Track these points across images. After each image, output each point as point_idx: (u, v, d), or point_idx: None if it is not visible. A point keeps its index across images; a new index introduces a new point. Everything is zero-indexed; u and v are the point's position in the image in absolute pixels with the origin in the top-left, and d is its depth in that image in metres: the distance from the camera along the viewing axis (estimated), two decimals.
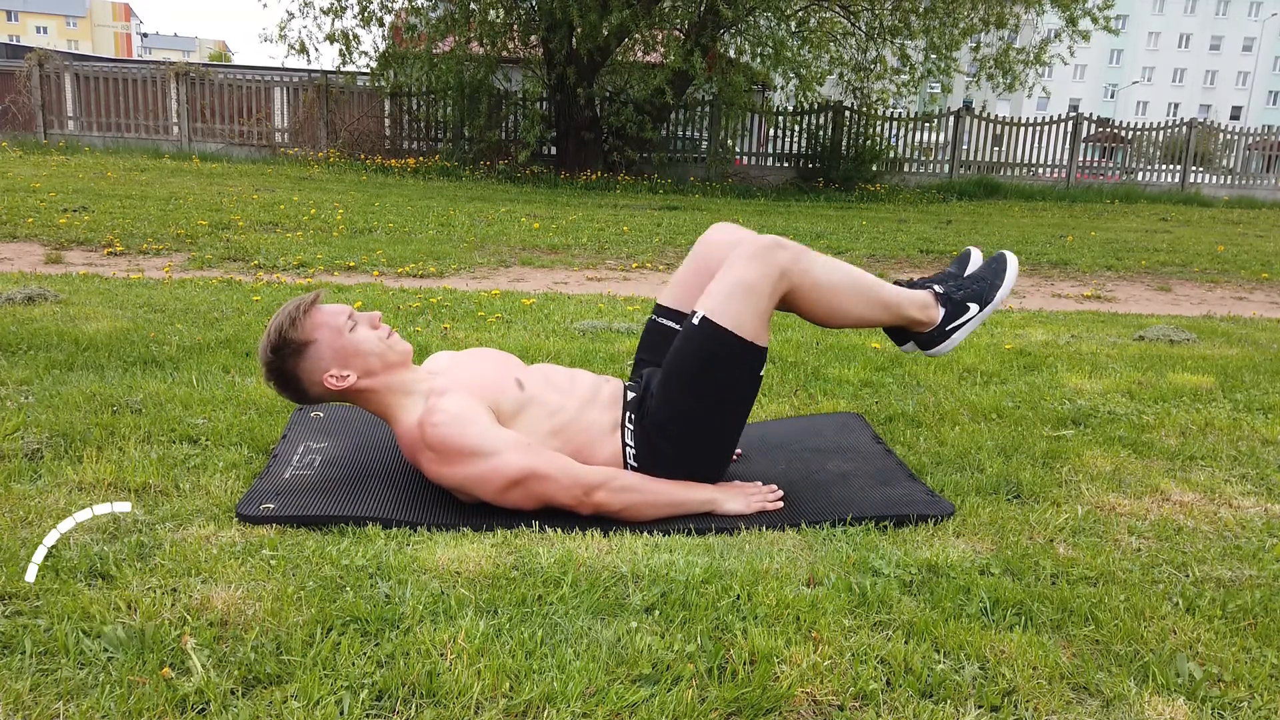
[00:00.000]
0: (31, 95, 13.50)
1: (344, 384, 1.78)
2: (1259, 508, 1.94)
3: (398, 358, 1.83)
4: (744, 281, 1.79)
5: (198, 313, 3.43)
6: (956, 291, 2.04)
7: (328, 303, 1.83)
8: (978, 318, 2.04)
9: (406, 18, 12.28)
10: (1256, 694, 1.26)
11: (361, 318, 1.83)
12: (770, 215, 9.44)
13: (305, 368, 1.77)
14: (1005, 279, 2.06)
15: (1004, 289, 2.05)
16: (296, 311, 1.76)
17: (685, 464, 1.85)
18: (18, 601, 1.35)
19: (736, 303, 1.78)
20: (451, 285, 4.65)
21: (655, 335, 2.06)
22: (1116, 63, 62.27)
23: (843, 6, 13.46)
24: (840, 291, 1.89)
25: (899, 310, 1.98)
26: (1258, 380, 3.03)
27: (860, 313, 1.94)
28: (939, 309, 2.02)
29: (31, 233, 5.72)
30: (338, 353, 1.78)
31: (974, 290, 2.04)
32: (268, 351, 1.77)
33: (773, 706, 1.19)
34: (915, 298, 2.01)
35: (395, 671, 1.20)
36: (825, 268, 1.87)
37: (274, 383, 1.81)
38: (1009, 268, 2.07)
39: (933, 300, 2.02)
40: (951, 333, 2.03)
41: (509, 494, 1.72)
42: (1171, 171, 15.53)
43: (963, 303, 2.03)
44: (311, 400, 1.83)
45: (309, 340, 1.77)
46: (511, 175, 12.39)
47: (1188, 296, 5.59)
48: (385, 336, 1.83)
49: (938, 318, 2.02)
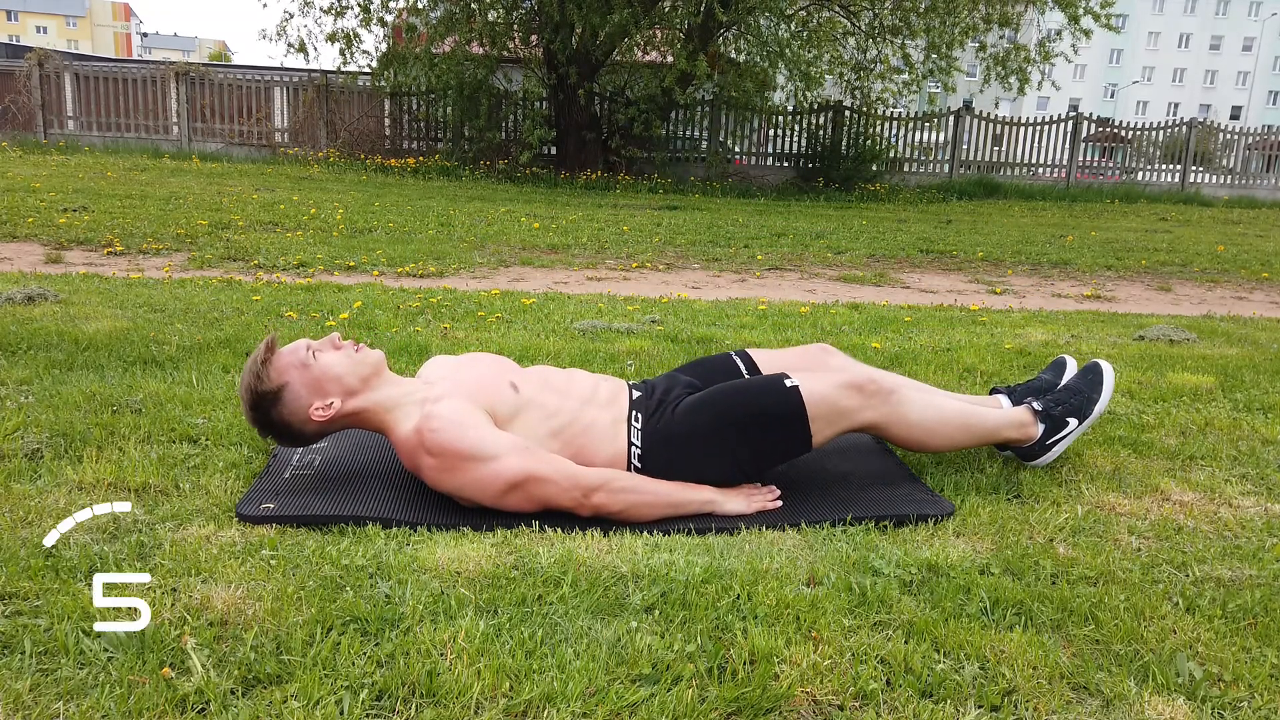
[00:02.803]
0: (31, 95, 13.50)
1: (331, 411, 1.78)
2: (1259, 507, 1.94)
3: (370, 369, 1.83)
4: (838, 404, 1.85)
5: (198, 312, 3.43)
6: (1055, 407, 2.06)
7: (282, 342, 1.84)
8: (1077, 431, 2.06)
9: (407, 18, 12.28)
10: (1256, 694, 1.26)
11: (321, 344, 1.84)
12: (770, 215, 9.44)
13: (289, 411, 1.78)
14: (1104, 390, 2.08)
15: (1103, 402, 2.07)
16: (256, 365, 1.78)
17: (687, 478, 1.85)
18: (18, 601, 1.35)
19: (825, 406, 1.84)
20: (451, 285, 4.64)
21: (720, 365, 2.09)
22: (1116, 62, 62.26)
23: (843, 6, 13.46)
24: (931, 429, 1.94)
25: (995, 435, 2.03)
26: (1258, 380, 3.03)
27: (952, 442, 2.00)
28: (1037, 426, 2.05)
29: (31, 232, 5.72)
30: (311, 385, 1.78)
31: (1072, 405, 2.07)
32: (249, 410, 1.79)
33: (773, 706, 1.19)
34: (1012, 419, 2.04)
35: (395, 671, 1.20)
36: (918, 408, 1.91)
37: (270, 436, 1.83)
38: (1106, 379, 2.09)
39: (1030, 418, 2.05)
40: (1052, 446, 2.06)
41: (508, 497, 1.72)
42: (1171, 171, 15.53)
43: (1062, 418, 2.05)
44: (311, 438, 1.83)
45: (280, 385, 1.78)
46: (511, 175, 12.39)
47: (1188, 296, 5.59)
48: (353, 351, 1.83)
49: (1036, 435, 2.05)
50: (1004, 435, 2.03)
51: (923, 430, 1.93)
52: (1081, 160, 15.32)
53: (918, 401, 1.92)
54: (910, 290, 5.37)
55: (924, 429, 1.92)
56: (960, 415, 1.98)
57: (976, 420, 2.00)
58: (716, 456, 1.85)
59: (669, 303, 4.30)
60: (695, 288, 5.07)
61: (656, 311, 3.97)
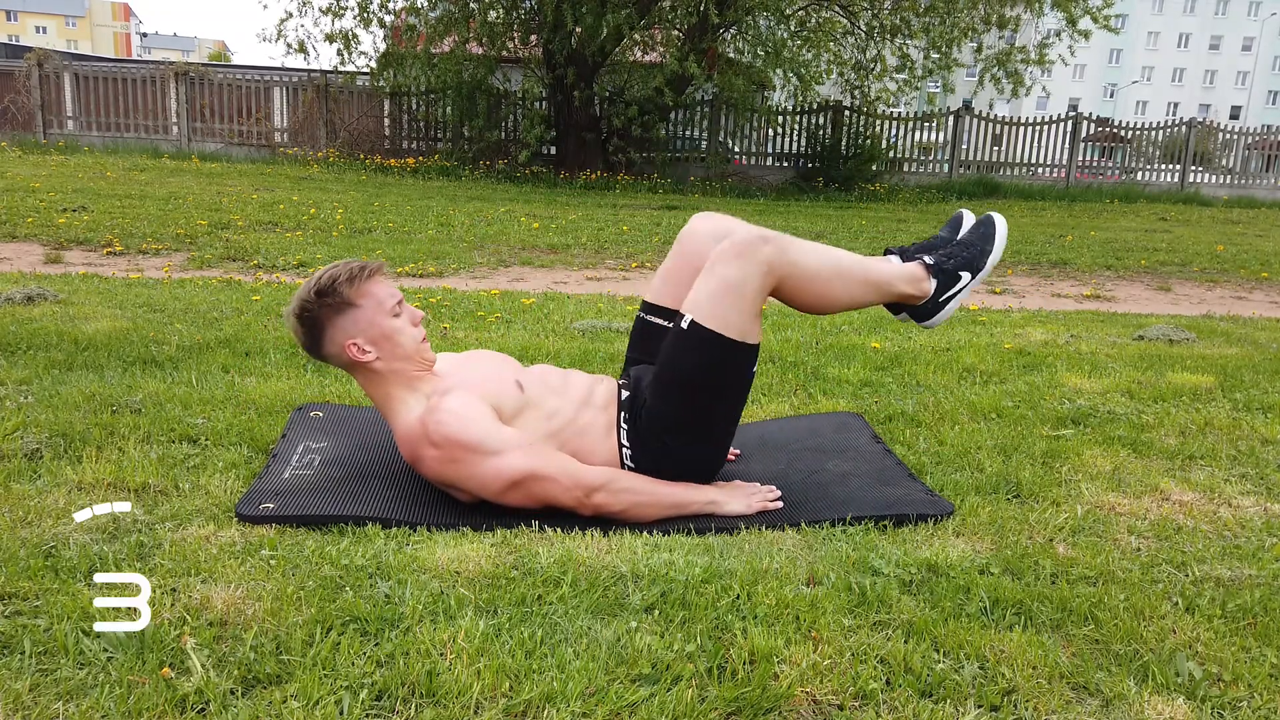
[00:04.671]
0: (31, 95, 13.49)
1: (362, 358, 1.78)
2: (1259, 507, 1.94)
3: (420, 363, 1.83)
4: (729, 281, 1.77)
5: (197, 312, 3.43)
6: (948, 261, 1.99)
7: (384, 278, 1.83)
8: (970, 285, 2.00)
9: (406, 18, 12.28)
10: (1256, 693, 1.26)
11: (408, 310, 1.83)
12: (770, 215, 9.43)
13: (337, 324, 1.77)
14: (995, 243, 2.01)
15: (995, 254, 2.01)
16: (359, 271, 1.77)
17: (680, 463, 1.85)
18: (18, 601, 1.35)
19: (723, 303, 1.77)
20: (451, 285, 4.64)
21: (644, 333, 2.04)
22: (1116, 62, 62.27)
23: (842, 6, 13.45)
24: (828, 279, 1.86)
25: (889, 288, 1.95)
26: (1257, 380, 3.03)
27: (851, 297, 1.92)
28: (931, 281, 1.98)
29: (31, 232, 5.71)
30: (371, 328, 1.77)
31: (965, 257, 2.00)
32: (311, 292, 1.76)
33: (773, 706, 1.19)
34: (905, 272, 1.96)
35: (395, 671, 1.20)
36: (811, 256, 1.84)
37: (298, 321, 1.79)
38: (998, 231, 2.02)
39: (924, 272, 1.97)
40: (945, 303, 1.99)
41: (510, 493, 1.72)
42: (1171, 171, 15.53)
43: (955, 272, 1.99)
44: (320, 356, 1.82)
45: (354, 302, 1.76)
46: (511, 175, 12.39)
47: (1187, 296, 5.59)
48: (420, 340, 1.83)
49: (930, 290, 1.98)
50: (899, 289, 1.95)
51: (823, 282, 1.85)
52: (1081, 160, 15.31)
53: (810, 249, 1.85)
54: None
55: (824, 281, 1.85)
56: (857, 265, 1.91)
57: (871, 270, 1.92)
58: (690, 431, 1.83)
59: None
60: None
61: None
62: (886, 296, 1.96)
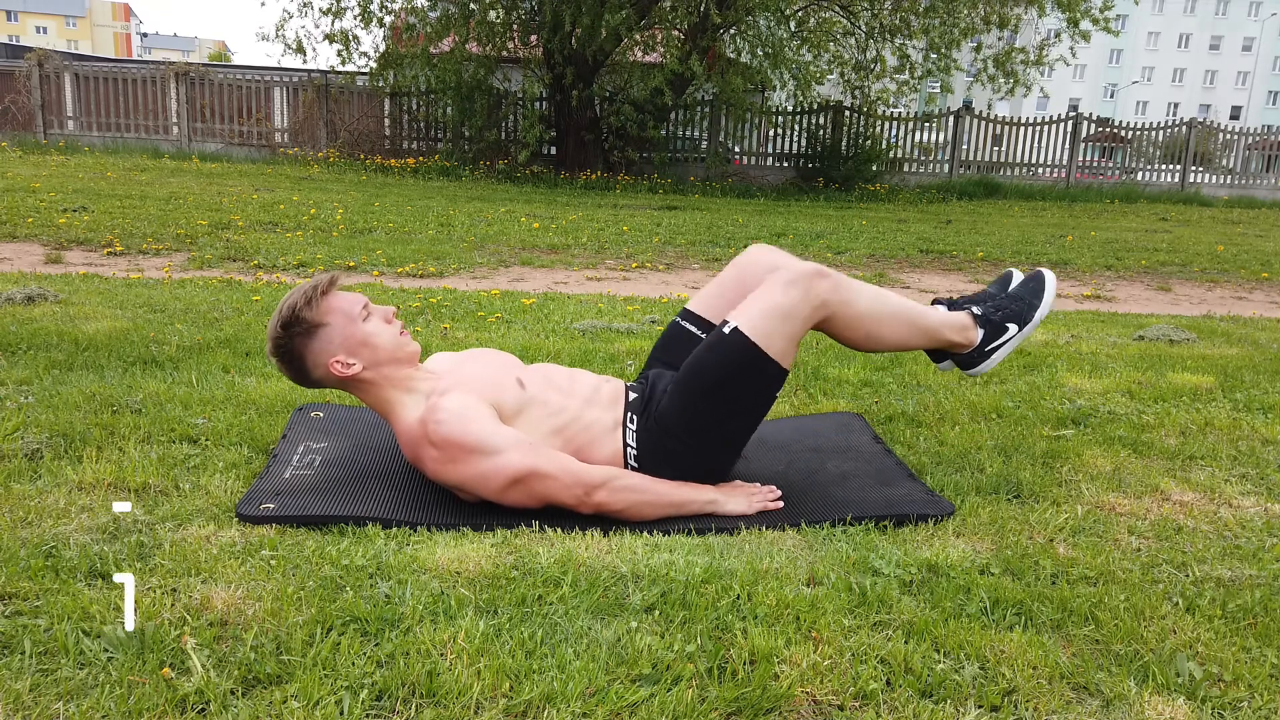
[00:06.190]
0: (31, 95, 13.49)
1: (348, 372, 1.78)
2: (1259, 507, 1.94)
3: (406, 357, 1.83)
4: (781, 305, 1.80)
5: (198, 313, 3.43)
6: (995, 313, 2.05)
7: (343, 289, 1.83)
8: (1017, 338, 2.05)
9: (405, 18, 12.27)
10: (1256, 694, 1.26)
11: (376, 310, 1.83)
12: (770, 215, 9.43)
13: (313, 349, 1.77)
14: (1044, 298, 2.07)
15: (1043, 308, 2.06)
16: (313, 292, 1.76)
17: (688, 467, 1.85)
18: (18, 601, 1.35)
19: (770, 321, 1.79)
20: (451, 285, 4.64)
21: (675, 337, 2.06)
22: (1116, 63, 62.27)
23: (842, 6, 13.45)
24: (877, 319, 1.90)
25: (937, 334, 2.00)
26: (1258, 380, 3.03)
27: (898, 338, 1.97)
28: (977, 331, 2.03)
29: (31, 233, 5.71)
30: (347, 340, 1.78)
31: (1012, 310, 2.05)
32: (277, 327, 1.77)
33: (773, 706, 1.19)
34: (953, 320, 2.02)
35: (395, 671, 1.20)
36: (863, 295, 1.88)
37: (278, 359, 1.80)
38: (1047, 286, 2.08)
39: (971, 322, 2.03)
40: (991, 353, 2.04)
41: (510, 492, 1.72)
42: (1171, 171, 15.53)
43: (1001, 323, 2.04)
44: (311, 383, 1.82)
45: (321, 323, 1.77)
46: (511, 175, 12.39)
47: (1187, 296, 5.59)
48: (398, 333, 1.83)
49: (976, 339, 2.03)
50: (946, 336, 2.00)
51: (872, 320, 1.89)
52: (1081, 160, 15.32)
53: (861, 289, 1.88)
54: (910, 290, 5.37)
55: (873, 319, 1.89)
56: (906, 309, 1.95)
57: (920, 316, 1.97)
58: (703, 437, 1.84)
59: (669, 303, 4.30)
60: (695, 288, 5.06)
61: (656, 311, 3.97)
62: (933, 342, 2.01)
